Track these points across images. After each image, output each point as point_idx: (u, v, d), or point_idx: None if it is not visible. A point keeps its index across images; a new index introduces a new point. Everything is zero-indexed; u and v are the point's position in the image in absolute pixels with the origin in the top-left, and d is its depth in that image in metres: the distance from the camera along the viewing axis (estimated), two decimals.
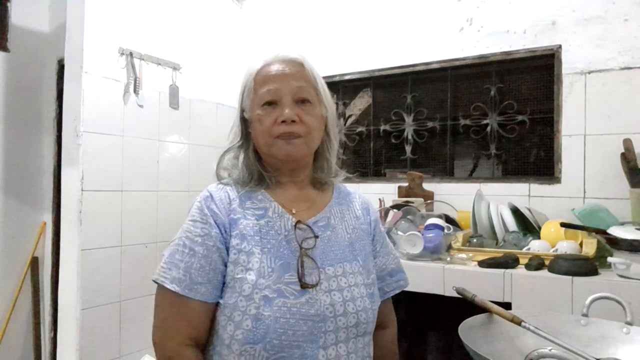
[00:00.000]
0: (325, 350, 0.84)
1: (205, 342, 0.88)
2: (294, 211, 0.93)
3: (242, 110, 0.97)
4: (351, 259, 0.93)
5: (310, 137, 0.93)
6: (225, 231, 0.88)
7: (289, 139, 0.90)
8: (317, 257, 0.90)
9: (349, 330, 0.87)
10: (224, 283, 0.86)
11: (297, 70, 0.94)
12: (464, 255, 1.75)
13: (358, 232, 0.99)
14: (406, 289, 1.07)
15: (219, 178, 0.99)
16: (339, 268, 0.91)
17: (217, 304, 0.86)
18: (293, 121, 0.90)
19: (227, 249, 0.87)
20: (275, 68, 0.94)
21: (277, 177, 0.96)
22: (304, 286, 0.85)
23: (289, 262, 0.87)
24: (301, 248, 0.89)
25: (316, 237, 0.91)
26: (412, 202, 2.15)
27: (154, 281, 0.86)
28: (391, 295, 1.05)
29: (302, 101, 0.92)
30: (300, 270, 0.86)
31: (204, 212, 0.89)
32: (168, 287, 0.83)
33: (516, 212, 1.91)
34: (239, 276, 0.85)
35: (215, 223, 0.88)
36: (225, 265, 0.87)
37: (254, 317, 0.81)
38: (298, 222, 0.91)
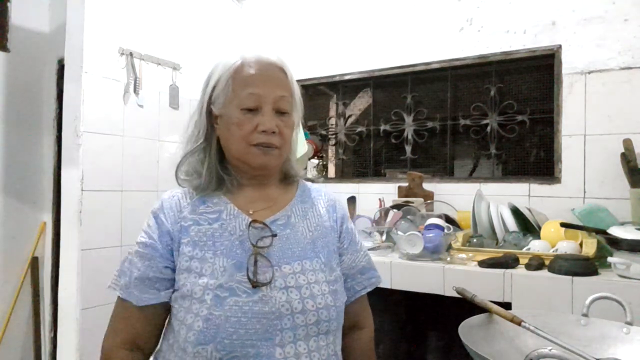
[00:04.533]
0: (283, 348, 0.83)
1: (152, 346, 0.92)
2: (251, 212, 0.93)
3: (210, 104, 0.94)
4: (312, 256, 0.92)
5: (285, 149, 0.95)
6: (172, 239, 0.90)
7: (266, 148, 0.90)
8: (272, 255, 0.89)
9: (309, 328, 0.86)
10: (174, 290, 0.89)
11: (280, 77, 0.94)
12: (464, 255, 1.75)
13: (321, 229, 0.98)
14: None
15: (179, 182, 1.00)
16: (297, 265, 0.90)
17: (169, 309, 0.89)
18: (273, 132, 0.90)
19: (176, 257, 0.89)
20: (259, 71, 0.92)
21: (239, 179, 0.96)
22: (254, 284, 0.84)
23: (242, 262, 0.87)
24: (254, 247, 0.88)
25: (274, 235, 0.91)
26: (412, 202, 2.15)
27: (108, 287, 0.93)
28: (363, 293, 1.03)
29: (281, 112, 0.92)
30: (251, 269, 0.86)
31: (150, 222, 0.94)
32: (117, 293, 0.91)
33: (516, 212, 1.90)
34: (191, 281, 0.86)
35: (162, 232, 0.91)
36: (173, 271, 0.89)
37: (205, 318, 0.82)
38: (253, 221, 0.91)
